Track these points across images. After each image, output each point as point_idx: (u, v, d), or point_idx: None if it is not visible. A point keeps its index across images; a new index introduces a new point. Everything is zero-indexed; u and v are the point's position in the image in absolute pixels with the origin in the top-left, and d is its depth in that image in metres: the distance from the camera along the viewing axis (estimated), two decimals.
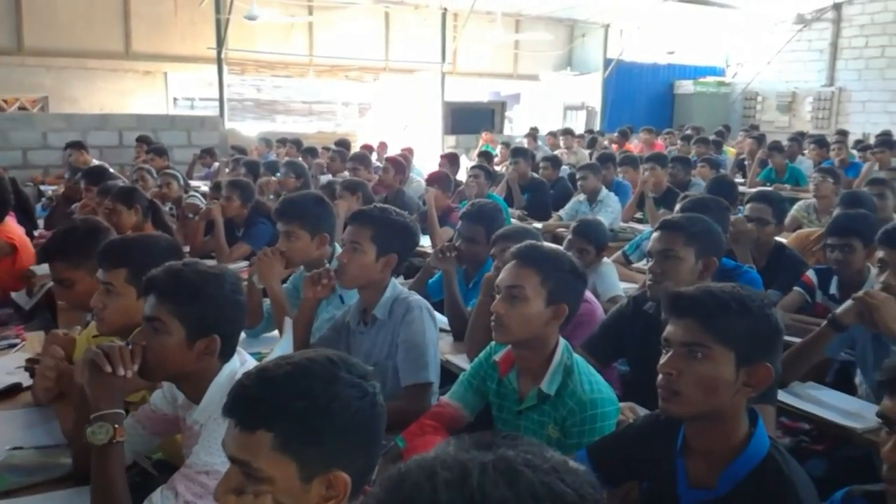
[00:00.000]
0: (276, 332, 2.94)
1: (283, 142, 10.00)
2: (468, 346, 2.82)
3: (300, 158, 7.88)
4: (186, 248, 4.55)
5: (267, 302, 3.03)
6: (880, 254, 2.53)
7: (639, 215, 6.31)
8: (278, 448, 1.14)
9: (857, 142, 10.80)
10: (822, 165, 6.67)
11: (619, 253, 4.53)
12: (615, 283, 3.64)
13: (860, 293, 2.42)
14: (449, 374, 2.71)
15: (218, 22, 12.07)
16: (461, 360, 2.82)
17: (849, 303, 2.45)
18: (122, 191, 4.19)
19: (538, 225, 5.46)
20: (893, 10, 14.31)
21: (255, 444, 1.14)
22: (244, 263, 4.18)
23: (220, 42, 12.17)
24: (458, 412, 2.22)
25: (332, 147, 8.94)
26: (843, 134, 10.39)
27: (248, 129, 13.19)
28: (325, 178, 6.85)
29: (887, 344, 2.49)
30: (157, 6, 12.25)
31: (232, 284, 1.72)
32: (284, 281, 3.19)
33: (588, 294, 2.98)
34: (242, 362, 1.78)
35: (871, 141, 9.81)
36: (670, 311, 1.56)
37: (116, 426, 1.63)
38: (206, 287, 1.68)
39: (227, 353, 1.74)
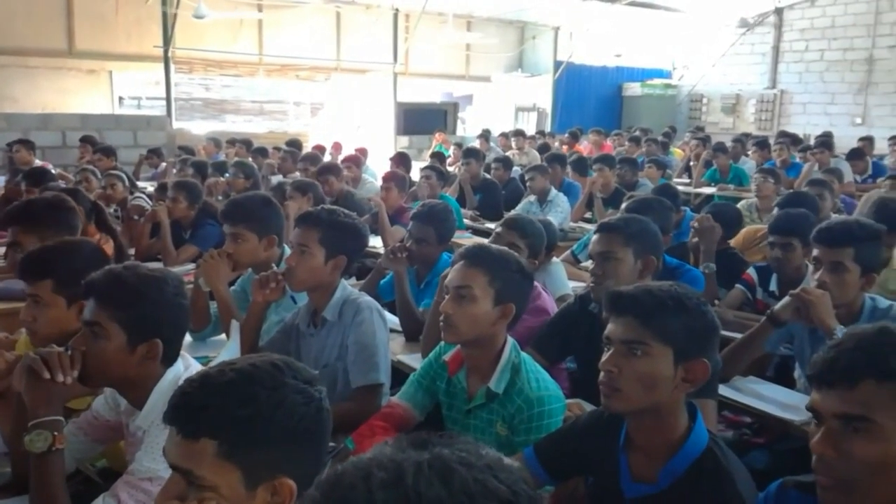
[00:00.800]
0: (223, 336, 2.90)
1: (232, 142, 9.86)
2: (424, 346, 2.83)
3: (250, 159, 7.78)
4: (132, 251, 4.46)
5: (214, 305, 2.99)
6: (815, 252, 2.61)
7: (588, 215, 6.41)
8: (222, 456, 1.12)
9: (797, 140, 11.15)
10: (765, 166, 6.85)
11: (567, 252, 4.59)
12: (564, 282, 3.68)
13: (797, 290, 2.50)
14: (401, 375, 2.71)
15: (164, 20, 11.84)
16: (413, 361, 2.82)
17: (786, 299, 2.53)
18: (64, 192, 4.07)
19: (490, 225, 5.50)
20: (831, 16, 14.80)
21: (197, 452, 1.13)
22: (191, 266, 4.11)
23: (167, 40, 11.95)
24: (408, 412, 2.23)
25: (284, 147, 8.84)
26: (786, 135, 10.69)
27: (198, 128, 12.97)
28: (276, 179, 6.78)
29: (823, 338, 2.57)
30: (102, 3, 11.94)
31: (174, 287, 1.70)
32: (233, 283, 3.16)
33: (550, 304, 3.02)
34: (187, 367, 1.76)
35: (812, 142, 10.13)
36: (610, 309, 1.60)
37: (56, 433, 1.59)
38: (147, 290, 1.65)
39: (170, 358, 1.72)
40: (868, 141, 10.14)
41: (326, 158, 8.50)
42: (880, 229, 2.71)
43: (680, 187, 6.54)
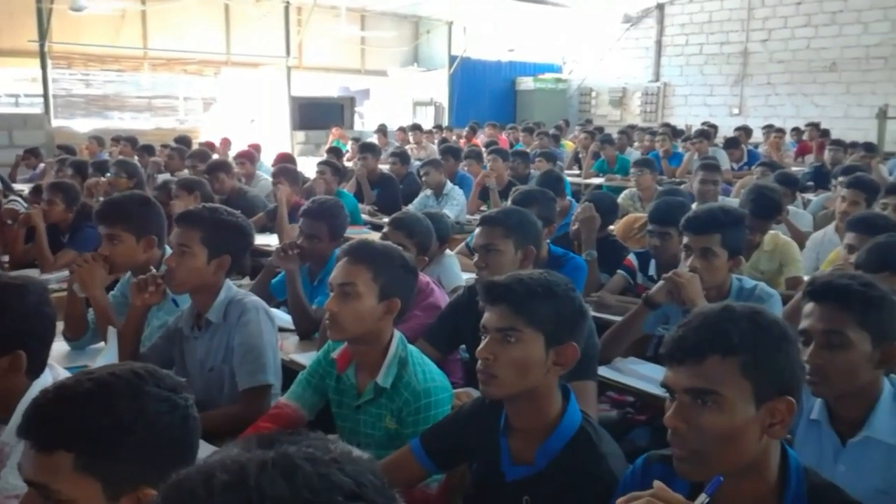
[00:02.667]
0: (103, 344, 2.78)
1: (116, 140, 9.43)
2: (320, 345, 2.80)
3: (135, 157, 7.48)
4: (5, 258, 4.23)
5: (91, 311, 2.86)
6: (685, 240, 2.76)
7: (484, 207, 6.51)
8: (80, 468, 1.09)
9: (679, 132, 11.69)
10: (643, 157, 7.16)
11: (462, 245, 4.65)
12: (458, 274, 3.73)
13: (669, 273, 2.64)
14: (294, 374, 2.67)
15: (39, 13, 11.20)
16: (307, 360, 2.78)
17: (660, 283, 2.67)
18: None
19: (386, 219, 5.50)
20: (709, 11, 15.60)
21: (53, 465, 1.08)
22: (68, 272, 3.92)
23: (43, 34, 11.32)
24: (297, 412, 2.21)
25: (171, 144, 8.54)
26: (667, 126, 11.18)
27: (80, 126, 12.32)
28: (163, 178, 6.54)
29: None
30: None
31: (37, 295, 1.63)
32: (111, 287, 3.03)
33: (443, 300, 3.05)
34: (55, 378, 1.68)
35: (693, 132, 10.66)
36: (485, 298, 1.65)
37: None
38: (7, 300, 1.58)
39: (36, 370, 1.64)
40: (744, 130, 10.74)
41: (216, 156, 8.25)
42: (743, 214, 2.89)
43: (570, 178, 6.75)
